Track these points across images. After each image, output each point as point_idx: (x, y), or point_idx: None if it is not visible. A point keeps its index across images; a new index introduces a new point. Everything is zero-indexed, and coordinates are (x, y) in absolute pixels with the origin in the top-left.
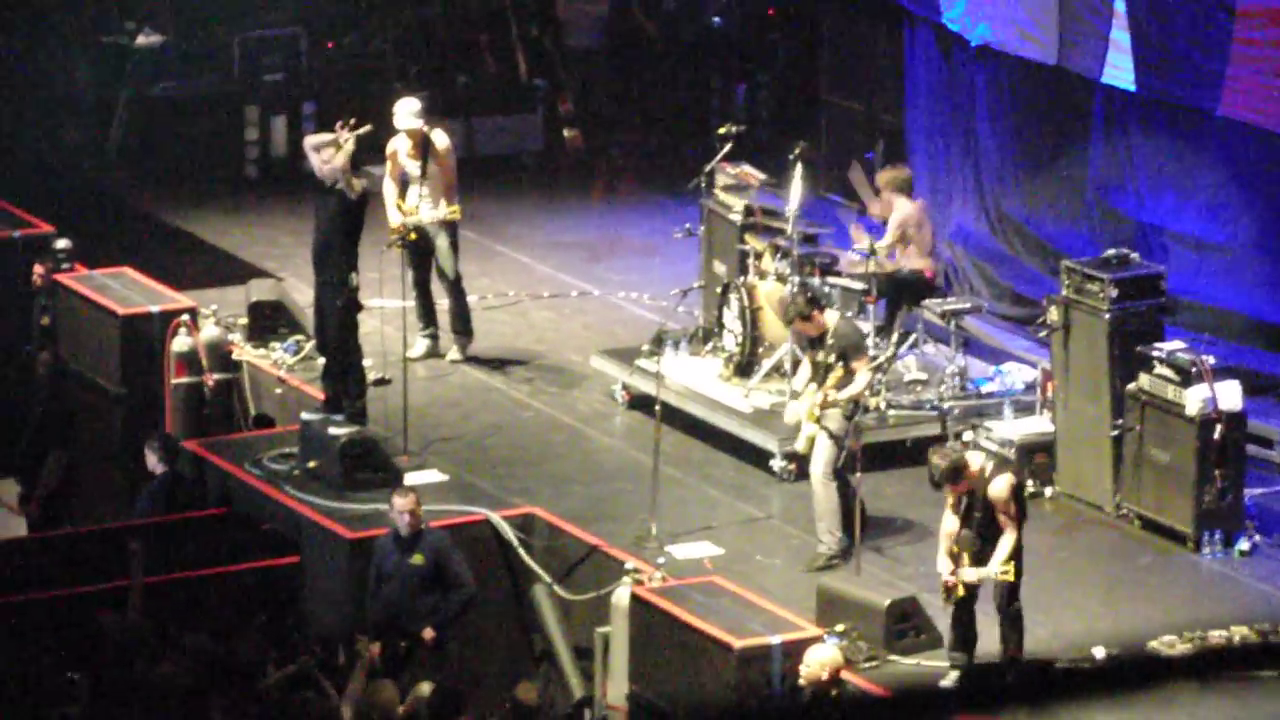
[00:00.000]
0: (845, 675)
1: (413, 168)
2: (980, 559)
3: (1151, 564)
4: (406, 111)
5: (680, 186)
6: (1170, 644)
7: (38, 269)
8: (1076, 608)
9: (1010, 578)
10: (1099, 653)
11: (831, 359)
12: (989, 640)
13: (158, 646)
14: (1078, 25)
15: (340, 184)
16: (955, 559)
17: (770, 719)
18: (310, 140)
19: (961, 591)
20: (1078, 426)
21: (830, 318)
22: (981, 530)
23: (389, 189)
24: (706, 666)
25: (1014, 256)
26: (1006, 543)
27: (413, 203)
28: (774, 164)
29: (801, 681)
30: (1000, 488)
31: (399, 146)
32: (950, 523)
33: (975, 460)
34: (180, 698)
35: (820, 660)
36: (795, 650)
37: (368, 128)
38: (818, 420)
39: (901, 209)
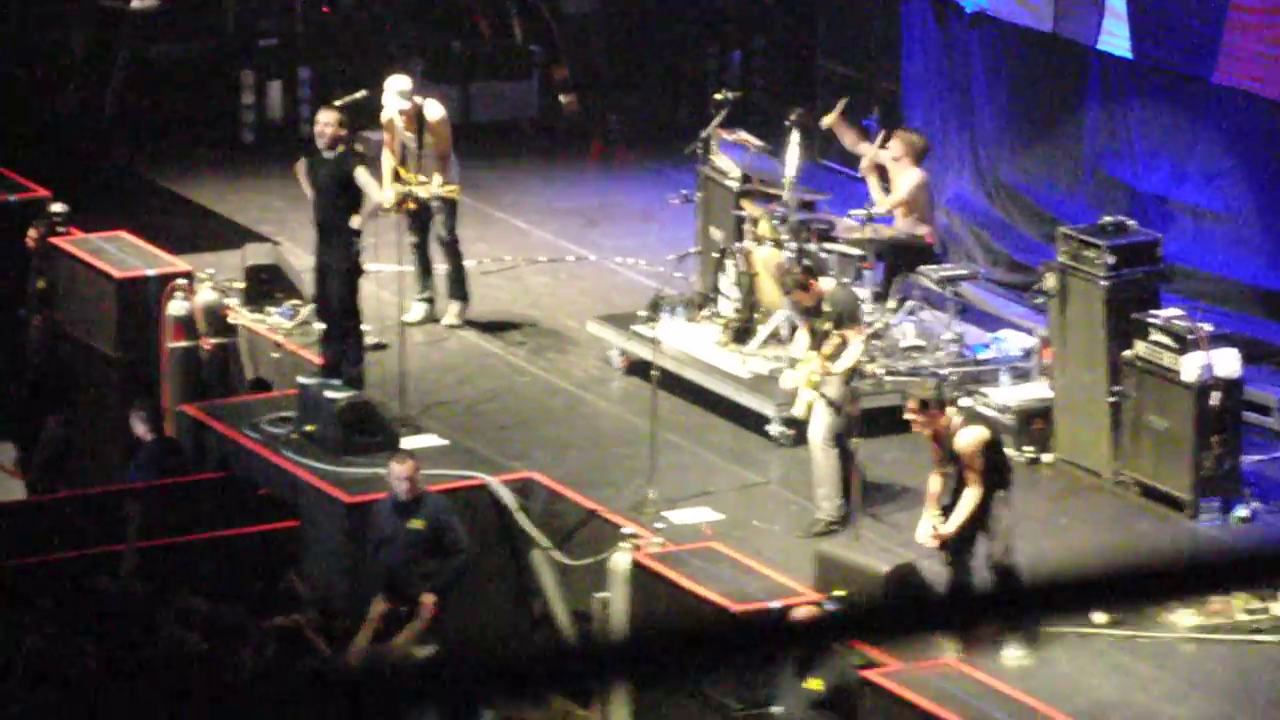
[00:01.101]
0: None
1: (409, 139)
2: (947, 514)
3: (1149, 530)
4: (395, 91)
5: (676, 152)
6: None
7: (32, 232)
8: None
9: (939, 534)
10: (1099, 617)
11: (828, 326)
12: None
13: (154, 610)
14: None
15: (341, 149)
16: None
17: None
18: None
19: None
20: (1075, 393)
21: (826, 285)
22: (954, 489)
23: (386, 159)
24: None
25: (1010, 224)
26: (966, 500)
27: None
28: (770, 130)
29: None
30: (966, 440)
31: (393, 114)
32: (934, 483)
33: (947, 412)
34: (184, 661)
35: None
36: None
37: (362, 93)
38: (816, 387)
39: (912, 176)
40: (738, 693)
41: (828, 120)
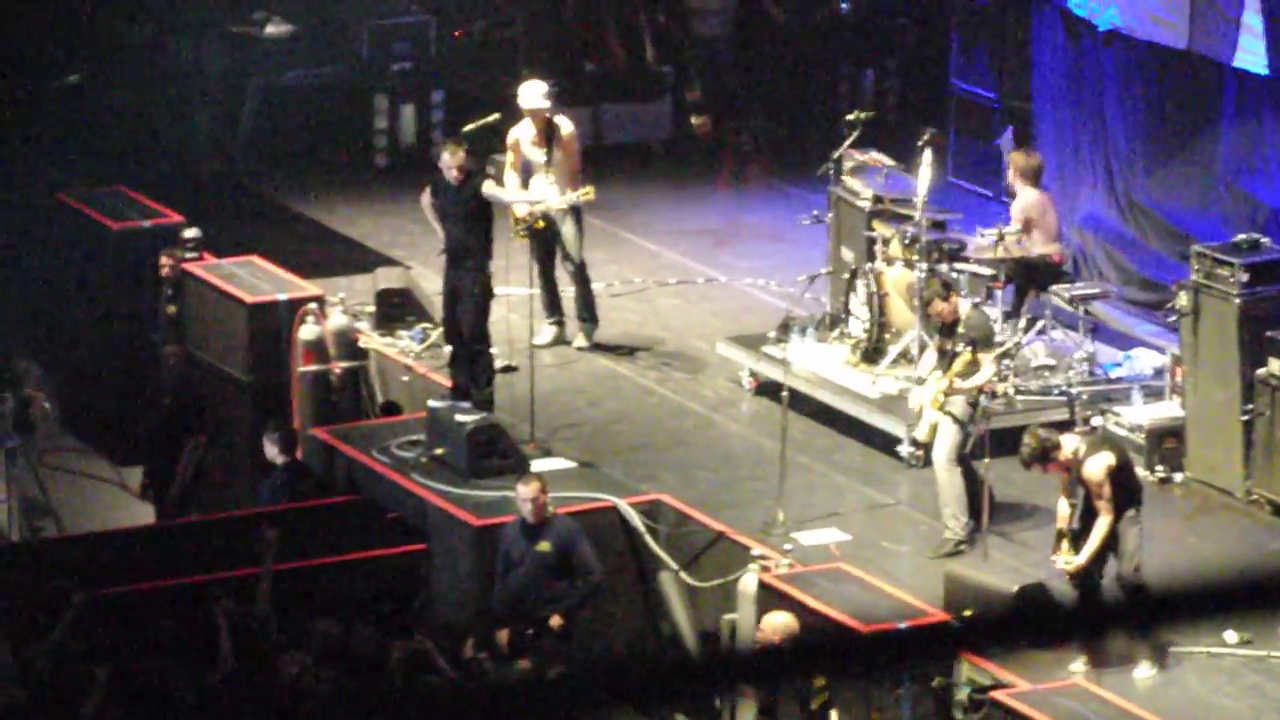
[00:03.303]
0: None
1: (537, 155)
2: (1077, 545)
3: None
4: (535, 92)
5: (808, 173)
6: None
7: (165, 259)
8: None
9: (1071, 568)
10: (1230, 637)
11: (960, 347)
12: None
13: (285, 635)
14: (1208, 9)
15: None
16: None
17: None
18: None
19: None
20: (1207, 412)
21: (963, 305)
22: (1083, 514)
23: (510, 179)
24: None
25: (1143, 242)
26: (1098, 530)
27: (537, 190)
28: (902, 150)
29: (756, 646)
30: (1093, 469)
31: (522, 135)
32: (1062, 507)
33: (1069, 443)
34: (307, 685)
35: (774, 626)
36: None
37: (494, 117)
38: (941, 407)
39: (1024, 196)
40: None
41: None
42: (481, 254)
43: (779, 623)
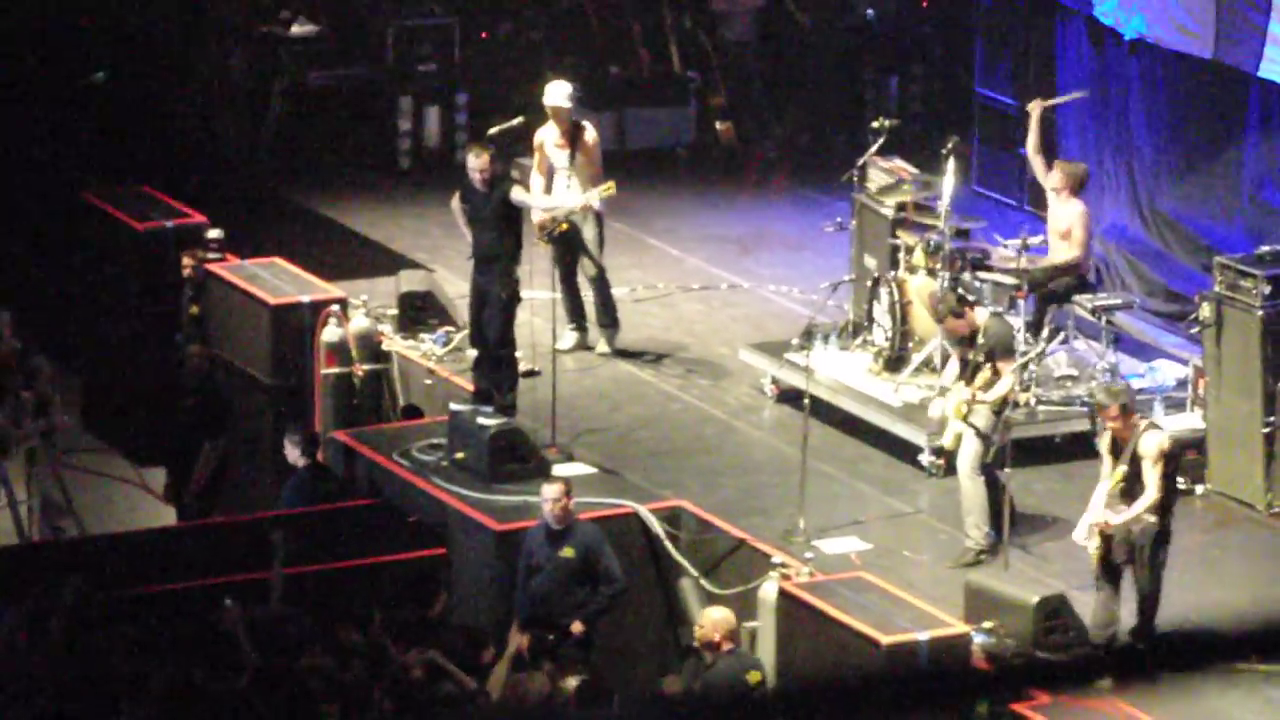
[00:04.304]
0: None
1: (560, 157)
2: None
3: None
4: (559, 91)
5: (832, 180)
6: None
7: (186, 259)
8: (1227, 607)
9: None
10: None
11: (981, 358)
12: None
13: (307, 638)
14: (1234, 18)
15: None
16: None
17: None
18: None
19: (1098, 553)
20: (1229, 424)
21: (981, 315)
22: (1128, 485)
23: (536, 182)
24: (853, 662)
25: (1167, 253)
26: (1146, 498)
27: (559, 192)
28: (926, 158)
29: (695, 643)
30: (1154, 441)
31: (546, 137)
32: (1103, 486)
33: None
34: (327, 689)
35: (714, 620)
36: (943, 647)
37: (519, 120)
38: (965, 417)
39: (1073, 206)
40: None
41: (1035, 107)
42: (509, 259)
43: (717, 618)
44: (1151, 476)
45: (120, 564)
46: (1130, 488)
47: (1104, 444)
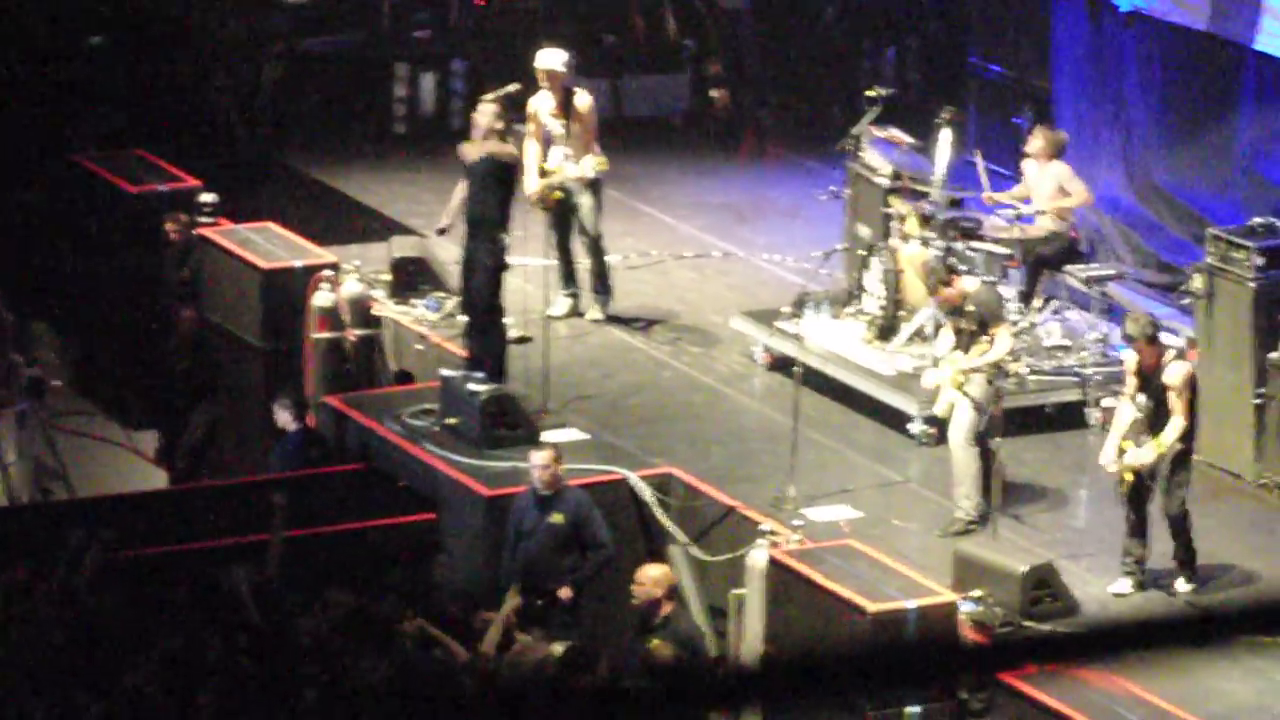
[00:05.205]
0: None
1: (555, 126)
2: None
3: None
4: (552, 57)
5: (827, 149)
6: None
7: (169, 224)
8: (1216, 578)
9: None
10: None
11: (974, 326)
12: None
13: (298, 601)
14: None
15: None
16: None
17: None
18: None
19: (1130, 477)
20: (1220, 395)
21: (969, 284)
22: (1151, 416)
23: (531, 149)
24: (841, 630)
25: (1160, 224)
26: (1174, 427)
27: (555, 161)
28: (921, 128)
29: (635, 602)
30: (1180, 371)
31: (540, 106)
32: (1126, 411)
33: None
34: (321, 654)
35: (654, 578)
36: (931, 616)
37: (515, 86)
38: (960, 387)
39: (1056, 166)
40: (869, 693)
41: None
42: (495, 224)
43: (657, 574)
44: (1178, 405)
45: (114, 526)
46: (1156, 416)
47: (1131, 364)
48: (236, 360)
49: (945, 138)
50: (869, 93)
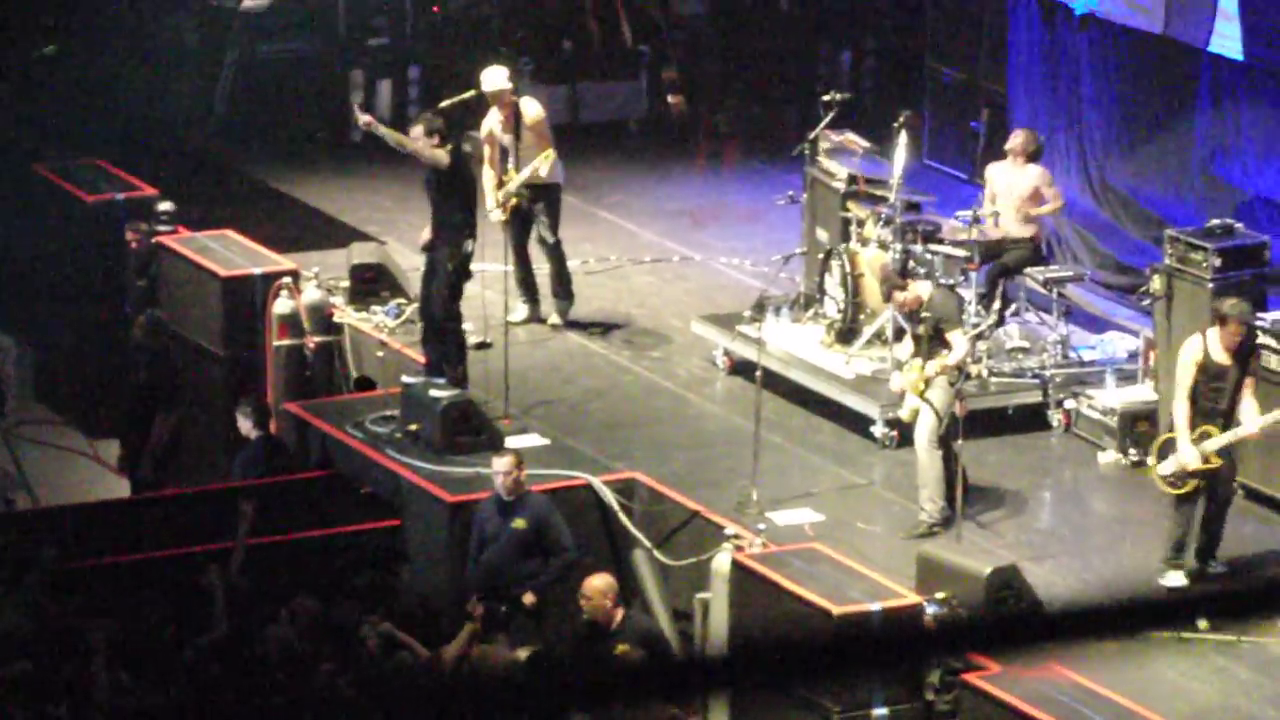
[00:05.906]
0: None
1: (508, 140)
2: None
3: (1254, 534)
4: (495, 76)
5: (784, 153)
6: None
7: (130, 232)
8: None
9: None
10: (1200, 621)
11: (931, 331)
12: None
13: (263, 608)
14: None
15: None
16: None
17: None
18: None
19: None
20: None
21: (924, 289)
22: (1233, 399)
23: (487, 175)
24: (805, 633)
25: (1118, 226)
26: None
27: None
28: (878, 131)
29: (586, 616)
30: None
31: (493, 124)
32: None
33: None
34: (288, 660)
35: (599, 589)
36: (896, 618)
37: (471, 93)
38: (921, 393)
39: (1035, 168)
40: (837, 695)
41: None
42: (454, 229)
43: (601, 585)
44: (1250, 381)
45: (75, 535)
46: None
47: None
48: (197, 368)
49: (902, 141)
50: (825, 97)
